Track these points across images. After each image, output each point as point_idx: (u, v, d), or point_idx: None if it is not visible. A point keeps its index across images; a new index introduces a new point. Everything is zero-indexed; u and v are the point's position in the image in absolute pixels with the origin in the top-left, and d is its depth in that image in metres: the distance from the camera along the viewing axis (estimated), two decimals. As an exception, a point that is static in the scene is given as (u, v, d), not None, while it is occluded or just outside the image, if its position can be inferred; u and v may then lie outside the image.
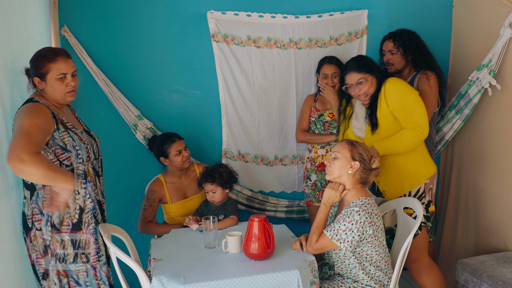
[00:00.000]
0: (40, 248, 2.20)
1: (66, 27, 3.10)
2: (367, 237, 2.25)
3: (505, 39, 2.93)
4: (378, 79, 2.65)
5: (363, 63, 2.65)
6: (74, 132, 2.26)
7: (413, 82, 3.06)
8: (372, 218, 2.26)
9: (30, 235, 2.20)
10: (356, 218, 2.21)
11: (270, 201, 3.52)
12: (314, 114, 3.28)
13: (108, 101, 3.16)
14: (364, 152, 2.35)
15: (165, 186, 3.02)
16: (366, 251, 2.29)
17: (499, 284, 2.66)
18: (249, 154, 3.47)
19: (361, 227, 2.21)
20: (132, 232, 2.71)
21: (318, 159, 3.26)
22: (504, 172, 3.10)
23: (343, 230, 2.22)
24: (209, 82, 3.35)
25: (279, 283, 2.10)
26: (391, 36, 3.11)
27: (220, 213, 2.85)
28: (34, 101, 2.17)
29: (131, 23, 3.21)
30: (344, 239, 2.22)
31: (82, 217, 2.26)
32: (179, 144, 2.98)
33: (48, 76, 2.19)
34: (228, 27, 3.29)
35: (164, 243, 2.51)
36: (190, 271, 2.14)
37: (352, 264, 2.32)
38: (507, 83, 3.03)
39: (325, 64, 3.23)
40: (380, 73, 2.68)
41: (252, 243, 2.22)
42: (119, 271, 2.30)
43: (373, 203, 2.31)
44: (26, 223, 2.20)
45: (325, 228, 2.29)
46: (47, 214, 2.18)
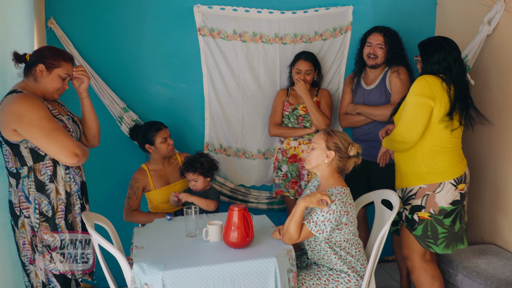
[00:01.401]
0: (28, 235, 2.25)
1: (52, 19, 3.13)
2: (339, 224, 2.32)
3: (482, 35, 3.01)
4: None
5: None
6: (60, 119, 2.30)
7: (385, 77, 3.15)
8: (347, 208, 2.32)
9: (18, 223, 2.25)
10: (333, 208, 2.27)
11: (252, 193, 3.58)
12: (288, 108, 3.33)
13: (94, 93, 3.19)
14: (340, 141, 2.40)
15: (148, 173, 3.08)
16: (335, 238, 2.36)
17: (473, 274, 2.74)
18: (231, 148, 3.52)
19: (338, 216, 2.28)
20: (116, 222, 2.75)
21: (290, 151, 3.31)
22: (481, 168, 3.17)
23: (322, 221, 2.28)
24: (195, 75, 3.40)
25: (256, 270, 2.15)
26: (381, 30, 3.15)
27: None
28: (18, 92, 2.20)
29: (118, 16, 3.25)
30: (323, 229, 2.28)
31: (69, 200, 2.33)
32: (165, 132, 3.06)
33: (56, 70, 2.28)
34: (214, 21, 3.33)
35: (146, 232, 2.56)
36: (170, 258, 2.19)
37: (323, 250, 2.38)
38: (481, 79, 3.11)
39: (301, 60, 3.27)
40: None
41: (232, 231, 2.27)
42: (101, 259, 2.34)
43: (348, 192, 2.38)
44: (14, 211, 2.25)
45: (304, 219, 2.34)
46: (35, 201, 2.23)
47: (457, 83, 2.54)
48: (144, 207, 3.23)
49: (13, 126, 2.12)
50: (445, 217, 2.57)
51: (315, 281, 2.38)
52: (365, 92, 3.23)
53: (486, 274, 2.69)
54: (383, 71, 3.20)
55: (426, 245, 2.62)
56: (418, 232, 2.62)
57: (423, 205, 2.60)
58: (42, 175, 2.23)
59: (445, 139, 2.56)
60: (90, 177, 2.70)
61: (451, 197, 2.57)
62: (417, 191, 2.61)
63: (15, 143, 2.18)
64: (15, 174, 2.23)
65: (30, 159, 2.21)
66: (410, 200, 2.65)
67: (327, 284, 2.38)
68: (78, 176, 2.39)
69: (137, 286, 2.13)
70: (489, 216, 3.14)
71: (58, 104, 2.45)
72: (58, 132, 2.16)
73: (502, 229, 3.03)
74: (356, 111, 3.22)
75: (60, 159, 2.20)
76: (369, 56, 3.16)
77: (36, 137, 2.14)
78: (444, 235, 2.59)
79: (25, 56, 2.28)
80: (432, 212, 2.58)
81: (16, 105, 2.12)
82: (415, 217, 2.62)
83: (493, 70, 3.05)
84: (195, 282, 2.09)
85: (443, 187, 2.56)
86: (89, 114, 2.50)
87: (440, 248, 2.60)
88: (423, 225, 2.60)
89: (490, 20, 2.98)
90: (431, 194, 2.58)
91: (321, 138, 2.42)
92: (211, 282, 2.10)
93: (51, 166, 2.25)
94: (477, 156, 3.20)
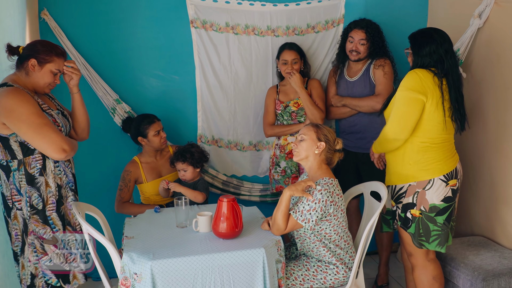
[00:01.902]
0: (20, 227, 2.28)
1: (46, 10, 3.13)
2: (326, 215, 2.34)
3: (473, 29, 3.02)
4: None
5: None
6: (49, 113, 2.32)
7: (369, 69, 3.17)
8: (334, 198, 2.34)
9: (11, 215, 2.28)
10: (319, 197, 2.30)
11: (245, 185, 3.60)
12: (280, 107, 3.31)
13: (87, 84, 3.20)
14: (329, 134, 2.45)
15: (140, 166, 3.10)
16: (325, 230, 2.38)
17: (460, 265, 2.77)
18: (223, 140, 3.54)
19: (324, 205, 2.30)
20: (108, 213, 2.77)
21: (288, 146, 3.31)
22: (473, 161, 3.20)
23: (307, 210, 2.31)
24: (188, 67, 3.41)
25: (245, 261, 2.18)
26: (363, 26, 3.14)
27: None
28: (9, 85, 2.22)
29: (112, 8, 3.25)
30: (309, 219, 2.31)
31: (61, 192, 2.36)
32: (157, 125, 3.07)
33: (48, 65, 2.31)
34: (207, 13, 3.34)
35: (137, 222, 2.59)
36: (159, 248, 2.21)
37: (312, 242, 2.41)
38: (472, 72, 3.13)
39: (285, 50, 3.25)
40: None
41: (221, 222, 2.30)
42: (92, 249, 2.36)
43: (336, 183, 2.40)
44: (7, 204, 2.28)
45: (291, 209, 2.37)
46: (26, 194, 2.25)
47: (450, 77, 2.49)
48: (137, 198, 3.25)
49: (2, 120, 2.15)
50: (437, 215, 2.51)
51: (303, 272, 2.41)
52: (348, 84, 3.24)
53: (474, 265, 2.72)
54: (366, 63, 3.22)
55: (418, 243, 2.54)
56: (412, 230, 2.56)
57: (415, 203, 2.54)
58: (32, 169, 2.26)
59: (435, 135, 2.49)
60: (82, 169, 2.72)
61: (443, 194, 2.50)
62: (407, 189, 2.56)
63: (5, 136, 2.21)
64: (5, 167, 2.25)
65: (20, 153, 2.23)
66: (401, 198, 2.59)
67: (315, 275, 2.41)
68: (69, 169, 2.41)
69: (126, 276, 2.16)
70: (479, 208, 3.17)
71: (49, 97, 2.47)
72: (47, 128, 2.18)
73: (492, 221, 3.06)
74: (342, 103, 3.22)
75: (48, 154, 2.22)
76: (352, 52, 3.16)
77: (25, 132, 2.17)
78: (436, 233, 2.52)
79: (18, 49, 2.29)
80: (422, 209, 2.51)
81: (6, 99, 2.14)
82: (408, 215, 2.57)
83: (483, 63, 3.06)
84: (183, 271, 2.11)
85: (432, 183, 2.50)
86: (78, 109, 2.52)
87: (432, 245, 2.53)
88: (416, 223, 2.54)
89: (480, 13, 3.00)
90: (421, 191, 2.51)
91: (310, 130, 2.45)
92: (199, 272, 2.13)
93: (41, 160, 2.27)
94: (469, 149, 3.22)
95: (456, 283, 2.78)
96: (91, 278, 3.40)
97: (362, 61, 3.21)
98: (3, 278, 2.27)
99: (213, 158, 3.50)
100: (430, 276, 2.61)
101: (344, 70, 3.30)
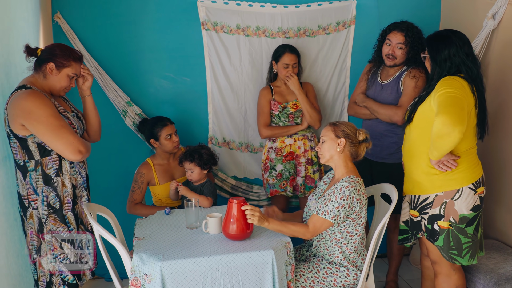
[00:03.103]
0: (35, 226, 2.32)
1: (59, 13, 3.17)
2: (352, 213, 2.33)
3: (487, 30, 2.98)
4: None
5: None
6: (65, 116, 2.36)
7: (400, 76, 3.01)
8: (360, 196, 2.34)
9: (26, 214, 2.32)
10: (346, 193, 2.29)
11: (254, 190, 3.59)
12: (277, 107, 3.27)
13: (99, 87, 3.23)
14: (347, 128, 2.41)
15: (153, 168, 3.11)
16: (347, 229, 2.37)
17: (473, 269, 2.73)
18: (234, 141, 3.54)
19: (351, 202, 2.30)
20: (119, 214, 2.79)
21: (285, 149, 3.27)
22: (486, 163, 3.15)
23: (336, 207, 2.29)
24: (199, 69, 3.42)
25: (254, 262, 2.18)
26: (403, 28, 2.92)
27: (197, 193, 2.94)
28: (27, 87, 2.26)
29: (123, 10, 3.28)
30: (337, 215, 2.30)
31: (75, 192, 2.40)
32: (170, 128, 3.07)
33: (65, 69, 2.36)
34: (218, 15, 3.35)
35: (148, 223, 2.60)
36: (169, 249, 2.22)
37: (330, 240, 2.40)
38: (489, 75, 3.09)
39: (286, 53, 3.20)
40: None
41: (231, 224, 2.30)
42: (102, 250, 2.38)
43: (361, 182, 2.39)
44: (23, 203, 2.33)
45: (316, 210, 2.35)
46: (42, 194, 2.30)
47: (477, 82, 2.35)
48: (149, 200, 3.27)
49: (21, 121, 2.20)
50: (467, 226, 2.39)
51: (313, 274, 2.40)
52: (377, 86, 3.10)
53: (486, 269, 2.69)
54: (400, 69, 3.03)
55: (449, 257, 2.42)
56: (440, 243, 2.43)
57: (442, 214, 2.41)
58: (48, 169, 2.30)
59: (465, 142, 2.37)
60: (94, 170, 2.75)
61: (472, 203, 2.39)
62: (434, 199, 2.42)
63: (23, 137, 2.25)
64: (22, 167, 2.29)
65: (37, 153, 2.28)
66: (427, 209, 2.46)
67: (325, 277, 2.40)
68: (83, 169, 2.47)
69: (136, 276, 2.17)
70: (493, 212, 3.13)
71: (64, 100, 2.51)
72: (64, 130, 2.23)
73: (505, 224, 3.02)
74: (363, 104, 3.10)
75: (65, 155, 2.27)
76: (388, 56, 2.98)
77: (43, 133, 2.21)
78: (468, 245, 2.40)
79: (37, 51, 2.34)
80: (452, 221, 2.39)
81: (25, 102, 2.19)
82: (435, 226, 2.43)
83: (500, 65, 3.01)
84: (192, 272, 2.12)
85: (461, 193, 2.38)
86: (91, 112, 2.56)
87: (465, 259, 2.41)
88: (444, 235, 2.41)
89: (494, 14, 2.96)
90: (449, 202, 2.38)
91: (328, 130, 2.44)
92: (209, 273, 2.13)
93: (57, 161, 2.32)
94: (483, 151, 3.17)
95: (468, 287, 2.75)
96: (104, 279, 3.43)
97: (397, 66, 3.03)
98: (17, 277, 2.31)
99: (224, 160, 3.50)
100: (454, 286, 2.52)
101: (378, 71, 3.15)
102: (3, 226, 2.28)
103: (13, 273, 2.33)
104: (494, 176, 3.11)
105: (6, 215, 2.33)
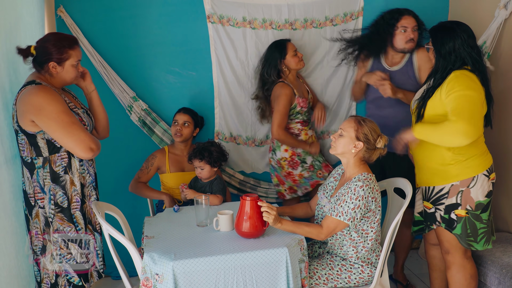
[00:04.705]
0: (41, 225, 2.27)
1: (62, 7, 3.11)
2: (367, 212, 2.29)
3: (499, 20, 2.93)
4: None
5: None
6: (76, 112, 2.31)
7: (411, 59, 2.98)
8: (374, 194, 2.29)
9: (32, 213, 2.27)
10: (361, 194, 2.24)
11: (262, 185, 3.55)
12: (306, 104, 3.20)
13: (104, 82, 3.18)
14: (370, 132, 2.31)
15: (167, 155, 3.12)
16: (362, 227, 2.33)
17: (487, 263, 2.71)
18: (241, 136, 3.49)
19: (366, 202, 2.25)
20: (127, 212, 2.75)
21: (309, 140, 3.25)
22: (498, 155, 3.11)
23: (352, 208, 2.24)
24: (205, 63, 3.36)
25: (268, 260, 2.14)
26: (410, 12, 2.95)
27: (207, 191, 2.90)
28: (37, 83, 2.20)
29: (128, 4, 3.22)
30: (354, 217, 2.25)
31: (84, 191, 2.35)
32: (178, 116, 3.10)
33: (67, 62, 2.28)
34: (223, 8, 3.29)
35: (157, 221, 2.56)
36: (181, 248, 2.18)
37: (345, 240, 2.36)
38: (500, 65, 3.03)
39: (289, 43, 3.18)
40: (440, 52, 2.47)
41: (244, 221, 2.25)
42: (112, 249, 2.34)
43: (374, 179, 2.34)
44: (29, 201, 2.27)
45: (331, 212, 2.30)
46: (50, 192, 2.24)
47: (483, 73, 2.37)
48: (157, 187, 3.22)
49: (31, 117, 2.14)
50: (482, 212, 2.43)
51: (327, 271, 2.36)
52: (386, 72, 3.01)
53: (502, 263, 2.65)
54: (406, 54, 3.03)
55: (467, 244, 2.45)
56: (458, 231, 2.45)
57: (459, 203, 2.43)
58: (57, 167, 2.25)
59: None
60: (100, 167, 2.69)
61: (486, 189, 2.42)
62: (450, 189, 2.44)
63: (32, 133, 2.20)
64: (29, 164, 2.24)
65: (46, 150, 2.22)
66: (443, 199, 2.48)
67: (339, 274, 2.36)
68: (92, 168, 2.42)
69: (147, 276, 2.13)
70: (505, 204, 3.09)
71: (72, 96, 2.45)
72: (75, 126, 2.18)
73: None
74: (397, 96, 2.94)
75: (75, 152, 2.21)
76: (409, 41, 2.93)
77: (54, 130, 2.16)
78: (483, 230, 2.44)
79: (30, 50, 2.26)
80: (469, 208, 2.41)
81: (35, 97, 2.13)
82: (452, 216, 2.45)
83: (510, 55, 2.97)
84: (205, 272, 2.08)
85: (476, 180, 2.40)
86: (98, 107, 2.52)
87: (480, 244, 2.45)
88: (462, 223, 2.43)
89: (506, 4, 2.90)
90: (465, 190, 2.41)
91: (351, 126, 2.33)
92: (222, 272, 2.09)
93: (66, 158, 2.27)
94: (496, 144, 3.13)
95: (483, 281, 2.71)
96: (111, 277, 3.40)
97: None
98: (16, 278, 2.23)
99: (231, 155, 3.45)
100: (468, 275, 2.52)
101: (381, 60, 3.10)
102: (14, 226, 2.23)
103: (23, 274, 2.28)
104: (502, 168, 3.07)
105: (17, 215, 2.27)
